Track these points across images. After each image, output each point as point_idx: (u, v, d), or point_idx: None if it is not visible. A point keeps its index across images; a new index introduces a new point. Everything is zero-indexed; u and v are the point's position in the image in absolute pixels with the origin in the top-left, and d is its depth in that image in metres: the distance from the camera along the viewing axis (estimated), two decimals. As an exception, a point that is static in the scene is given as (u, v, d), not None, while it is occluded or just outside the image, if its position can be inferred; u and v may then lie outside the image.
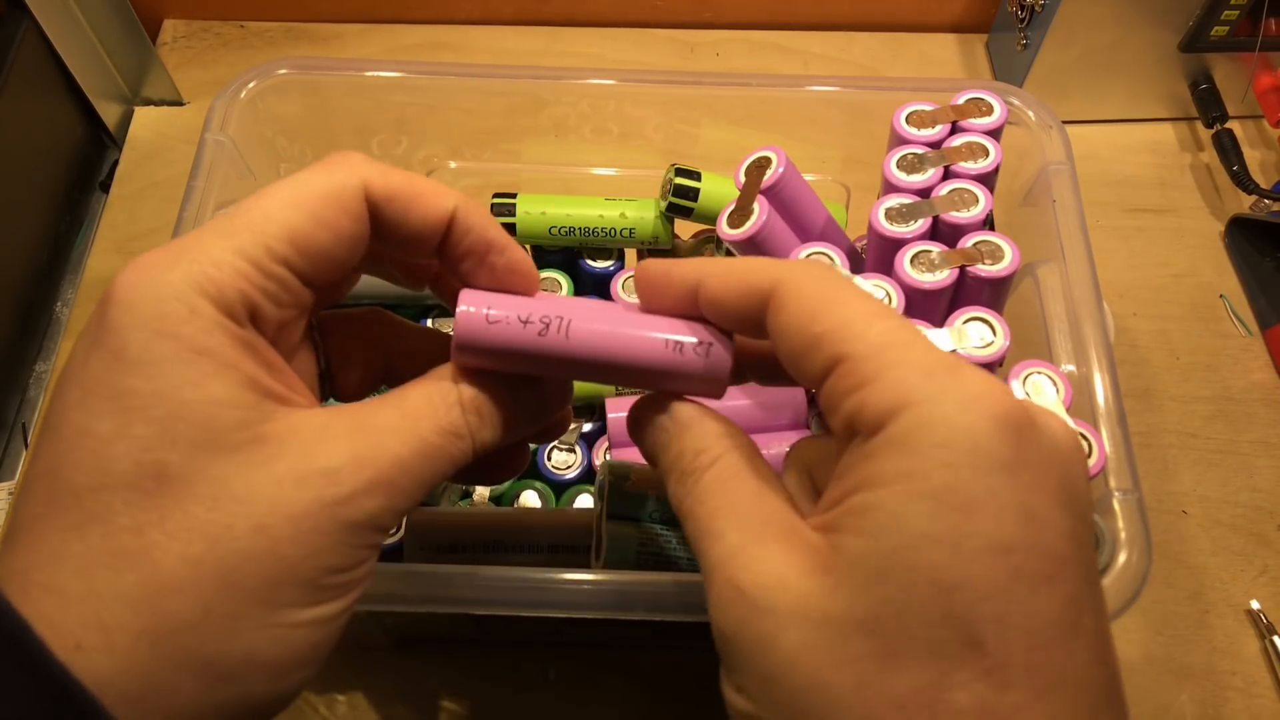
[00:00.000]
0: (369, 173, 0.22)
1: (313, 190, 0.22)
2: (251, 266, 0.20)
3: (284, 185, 0.22)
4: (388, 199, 0.22)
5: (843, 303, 0.20)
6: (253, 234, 0.21)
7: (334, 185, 0.22)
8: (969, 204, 0.36)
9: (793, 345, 0.21)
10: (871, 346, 0.19)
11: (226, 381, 0.20)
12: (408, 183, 0.22)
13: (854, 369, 0.19)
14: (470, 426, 0.23)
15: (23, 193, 0.53)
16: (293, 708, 0.42)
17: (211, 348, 0.20)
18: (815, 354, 0.20)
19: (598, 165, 0.49)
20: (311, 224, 0.21)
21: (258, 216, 0.21)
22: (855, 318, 0.20)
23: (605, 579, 0.31)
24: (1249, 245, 0.55)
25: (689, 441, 0.23)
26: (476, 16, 0.64)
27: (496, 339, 0.23)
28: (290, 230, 0.21)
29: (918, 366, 0.19)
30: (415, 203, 0.22)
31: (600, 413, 0.44)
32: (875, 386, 0.19)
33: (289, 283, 0.21)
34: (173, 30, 0.64)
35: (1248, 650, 0.44)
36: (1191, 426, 0.50)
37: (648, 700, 0.43)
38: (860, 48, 0.64)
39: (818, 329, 0.20)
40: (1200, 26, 0.54)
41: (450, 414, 0.22)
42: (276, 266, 0.21)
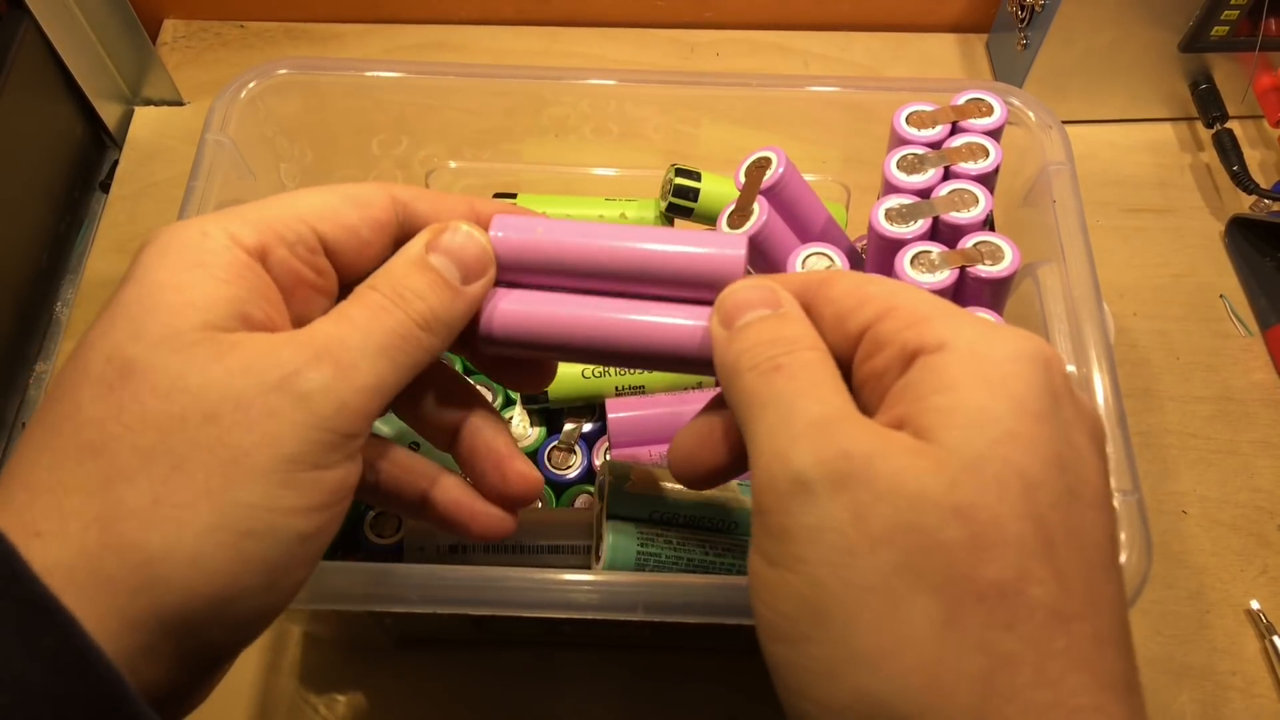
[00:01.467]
0: (392, 185, 0.25)
1: (343, 187, 0.25)
2: (274, 216, 0.23)
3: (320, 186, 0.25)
4: (413, 199, 0.25)
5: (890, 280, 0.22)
6: (280, 200, 0.23)
7: (361, 187, 0.25)
8: (969, 204, 0.36)
9: (842, 305, 0.22)
10: (923, 301, 0.21)
11: (209, 292, 0.21)
12: (429, 191, 0.26)
13: (909, 311, 0.21)
14: (391, 300, 0.23)
15: (23, 193, 0.53)
16: (293, 708, 0.42)
17: (209, 263, 0.21)
18: (865, 307, 0.21)
19: (598, 165, 0.49)
20: (339, 201, 0.24)
21: (288, 197, 0.24)
22: (903, 286, 0.22)
23: (605, 579, 0.31)
24: (1249, 245, 0.55)
25: (798, 326, 0.22)
26: (476, 16, 0.64)
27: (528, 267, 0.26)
28: (318, 203, 0.24)
29: (967, 319, 0.20)
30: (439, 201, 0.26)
31: (600, 413, 0.44)
32: (932, 323, 0.20)
33: (308, 238, 0.23)
34: (173, 30, 0.64)
35: (1248, 650, 0.44)
36: (1191, 426, 0.50)
37: (647, 700, 0.43)
38: (860, 48, 0.64)
39: (870, 290, 0.22)
40: (1200, 26, 0.54)
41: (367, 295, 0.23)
42: (298, 222, 0.23)
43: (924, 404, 0.19)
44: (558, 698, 0.43)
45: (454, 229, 0.25)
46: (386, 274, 0.24)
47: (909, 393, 0.20)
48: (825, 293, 0.23)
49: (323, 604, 0.32)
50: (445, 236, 0.24)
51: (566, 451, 0.44)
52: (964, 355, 0.19)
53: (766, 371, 0.21)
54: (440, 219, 0.25)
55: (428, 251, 0.24)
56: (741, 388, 0.21)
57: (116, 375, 0.20)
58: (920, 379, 0.20)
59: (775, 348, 0.21)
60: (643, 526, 0.34)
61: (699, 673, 0.43)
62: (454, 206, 0.26)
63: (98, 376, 0.20)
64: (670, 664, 0.43)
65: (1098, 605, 0.18)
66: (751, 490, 0.20)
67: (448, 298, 0.24)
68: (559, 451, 0.44)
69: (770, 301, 0.23)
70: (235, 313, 0.21)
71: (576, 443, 0.44)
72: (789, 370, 0.21)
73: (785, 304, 0.23)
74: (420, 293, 0.23)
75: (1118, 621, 0.19)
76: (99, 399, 0.20)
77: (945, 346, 0.20)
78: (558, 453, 0.44)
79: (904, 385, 0.20)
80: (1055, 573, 0.18)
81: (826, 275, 0.23)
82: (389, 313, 0.23)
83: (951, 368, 0.19)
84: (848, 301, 0.22)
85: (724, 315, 0.23)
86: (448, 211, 0.25)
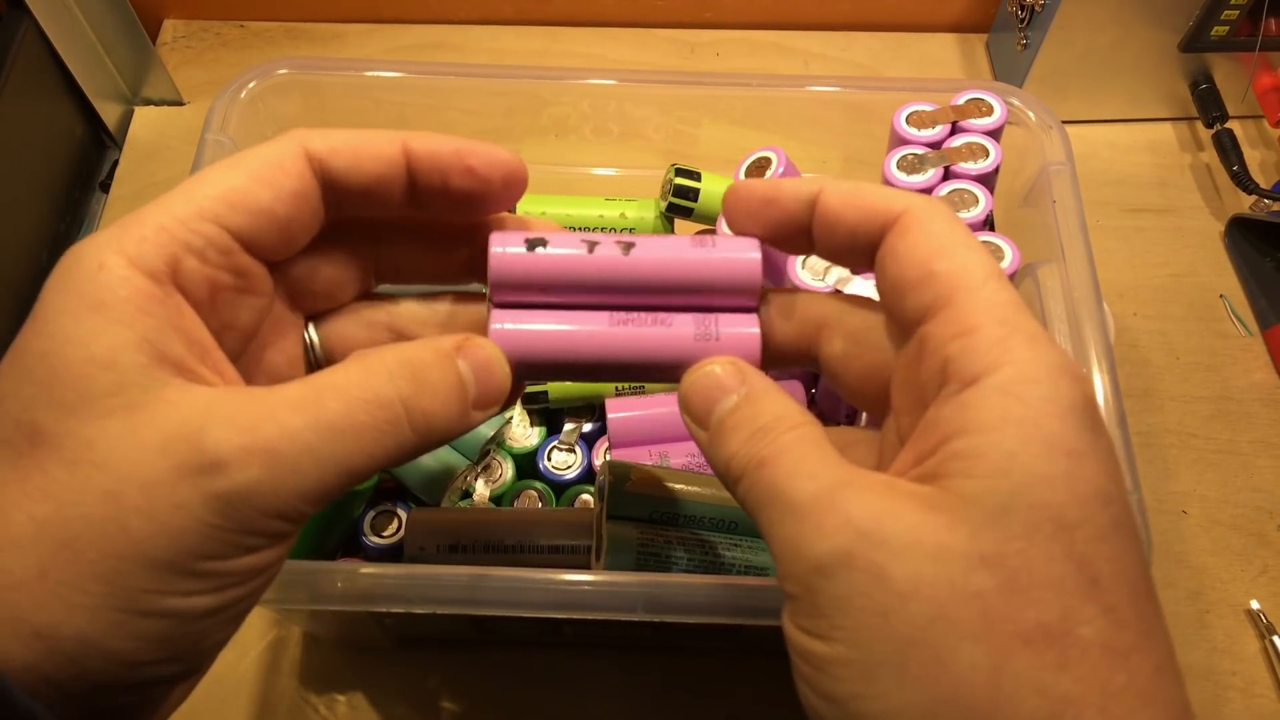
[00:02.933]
0: (308, 135, 0.22)
1: (250, 156, 0.21)
2: (177, 222, 0.20)
3: (226, 158, 0.22)
4: (331, 151, 0.22)
5: (966, 248, 0.21)
6: (185, 195, 0.21)
7: (271, 149, 0.22)
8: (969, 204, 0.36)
9: (905, 274, 0.21)
10: (983, 301, 0.20)
11: (114, 340, 0.19)
12: (351, 134, 0.22)
13: (960, 316, 0.20)
14: (401, 393, 0.20)
15: (23, 193, 0.53)
16: (292, 708, 0.42)
17: (107, 303, 0.19)
18: (925, 290, 0.21)
19: (598, 165, 0.49)
20: (248, 182, 0.21)
21: (194, 183, 0.21)
22: (974, 267, 0.20)
23: (605, 579, 0.31)
24: (1249, 245, 0.55)
25: (768, 406, 0.21)
26: (476, 16, 0.64)
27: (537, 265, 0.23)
28: (225, 189, 0.21)
29: (1021, 329, 0.20)
30: (362, 149, 0.22)
31: (600, 413, 0.44)
32: (979, 337, 0.19)
33: (217, 238, 0.21)
34: (173, 30, 0.64)
35: (1248, 650, 0.44)
36: (1191, 426, 0.50)
37: (648, 700, 0.43)
38: (860, 48, 0.64)
39: (937, 266, 0.20)
40: (1200, 26, 0.54)
41: (372, 379, 0.20)
42: (205, 223, 0.20)
43: (948, 447, 0.19)
44: (558, 698, 0.43)
45: (482, 345, 0.22)
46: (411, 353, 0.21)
47: (935, 430, 0.19)
48: (897, 244, 0.21)
49: (323, 604, 0.32)
50: (477, 353, 0.22)
51: (566, 451, 0.44)
52: (995, 395, 0.19)
53: (753, 471, 0.20)
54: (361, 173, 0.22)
55: (458, 355, 0.22)
56: (741, 496, 0.21)
57: (25, 441, 0.18)
58: (947, 417, 0.19)
59: (755, 443, 0.21)
60: (643, 526, 0.34)
61: (699, 673, 0.43)
62: (381, 149, 0.22)
63: (5, 440, 0.18)
64: (670, 664, 0.43)
65: (1150, 634, 0.18)
66: (779, 578, 0.20)
67: (456, 416, 0.21)
68: (559, 451, 0.44)
69: (733, 384, 0.22)
70: (148, 358, 0.19)
71: (576, 443, 0.44)
72: (773, 462, 0.20)
73: (749, 379, 0.22)
74: (437, 393, 0.21)
75: (1168, 646, 0.19)
76: (6, 463, 0.18)
77: (978, 381, 0.19)
78: (558, 453, 0.44)
79: (933, 419, 0.20)
80: (1104, 610, 0.18)
81: (905, 213, 0.21)
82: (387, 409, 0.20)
83: (981, 408, 0.19)
84: (913, 272, 0.21)
85: (694, 414, 0.23)
86: (370, 160, 0.22)
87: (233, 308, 0.22)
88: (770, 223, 0.24)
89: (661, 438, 0.41)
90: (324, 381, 0.20)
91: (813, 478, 0.19)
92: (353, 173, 0.22)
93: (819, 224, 0.23)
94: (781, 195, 0.23)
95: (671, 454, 0.41)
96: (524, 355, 0.23)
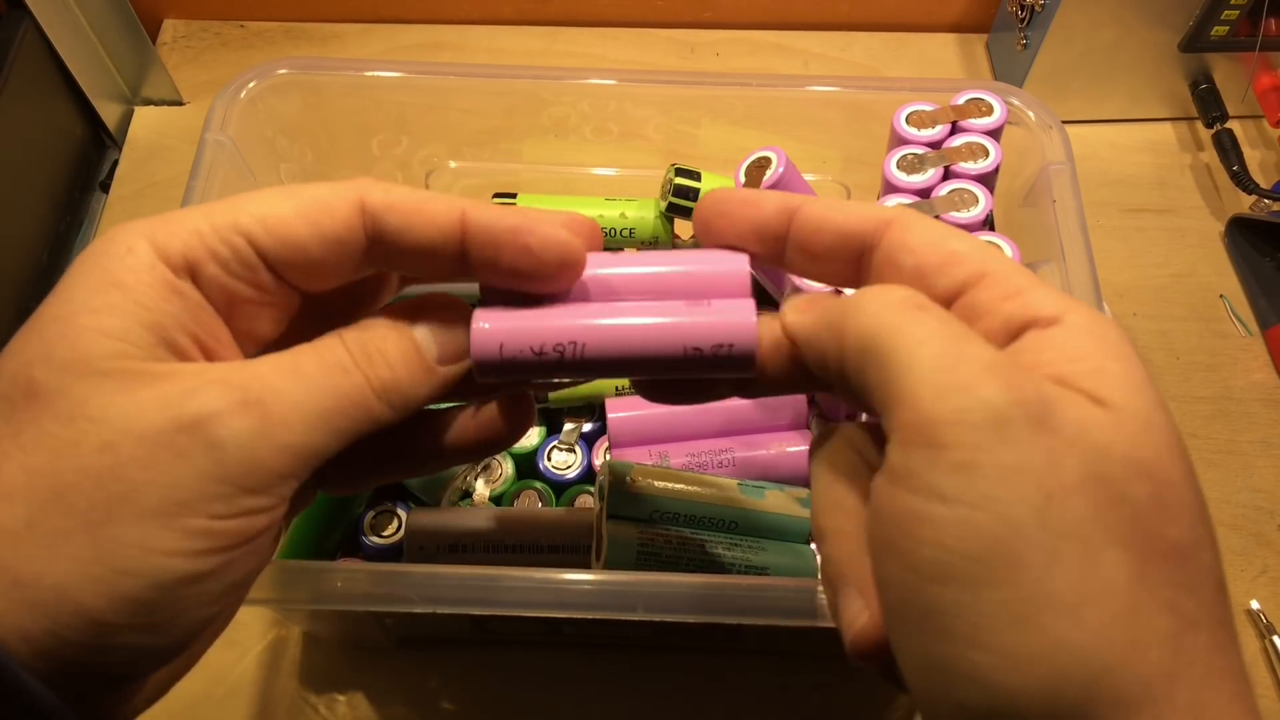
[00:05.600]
0: (368, 186, 0.22)
1: (306, 191, 0.22)
2: (212, 229, 0.21)
3: (283, 186, 0.22)
4: (387, 208, 0.22)
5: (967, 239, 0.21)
6: (229, 207, 0.21)
7: (326, 189, 0.22)
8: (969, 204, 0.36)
9: (926, 259, 0.21)
10: (1014, 268, 0.20)
11: (127, 317, 0.19)
12: (412, 194, 0.22)
13: (1004, 281, 0.20)
14: (358, 362, 0.21)
15: (23, 193, 0.53)
16: (292, 707, 0.42)
17: (129, 283, 0.20)
18: (955, 267, 0.21)
19: (598, 165, 0.49)
20: (292, 215, 0.21)
21: (243, 198, 0.21)
22: (987, 246, 0.21)
23: (605, 579, 0.31)
24: (1249, 245, 0.55)
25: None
26: (476, 16, 0.64)
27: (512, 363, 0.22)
28: (268, 213, 0.21)
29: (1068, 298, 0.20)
30: (420, 211, 0.22)
31: (600, 413, 0.44)
32: (1032, 295, 0.20)
33: (244, 254, 0.21)
34: (173, 30, 0.64)
35: (1248, 650, 0.44)
36: (1191, 426, 0.50)
37: (648, 700, 0.43)
38: (860, 48, 0.64)
39: (957, 247, 0.21)
40: (1200, 26, 0.54)
41: (332, 350, 0.21)
42: (235, 236, 0.21)
43: (1072, 368, 0.19)
44: (558, 698, 0.43)
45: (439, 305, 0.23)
46: (361, 328, 0.22)
47: (1045, 354, 0.19)
48: (902, 238, 0.21)
49: (323, 604, 0.32)
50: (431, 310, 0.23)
51: (566, 451, 0.44)
52: (1084, 331, 0.19)
53: (912, 309, 0.19)
54: (413, 235, 0.22)
55: (413, 319, 0.22)
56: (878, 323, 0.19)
57: (20, 395, 0.19)
58: (1040, 347, 0.19)
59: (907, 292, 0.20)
60: (643, 526, 0.34)
61: (699, 673, 0.43)
62: (434, 217, 0.22)
63: (2, 395, 0.19)
64: (670, 664, 0.43)
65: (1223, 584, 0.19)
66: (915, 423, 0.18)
67: (419, 374, 0.22)
68: (559, 451, 0.44)
69: None
70: (155, 340, 0.20)
71: (576, 443, 0.44)
72: (939, 314, 0.19)
73: None
74: (390, 360, 0.22)
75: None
76: (1, 416, 0.19)
77: (1061, 320, 0.19)
78: (558, 452, 0.44)
79: (1033, 348, 0.19)
80: (1213, 545, 0.18)
81: (898, 215, 0.22)
82: (347, 374, 0.21)
83: (1077, 341, 0.19)
84: (932, 256, 0.21)
85: None
86: (424, 225, 0.22)
87: (252, 319, 0.22)
88: (746, 224, 0.23)
89: (661, 438, 0.41)
90: (299, 350, 0.21)
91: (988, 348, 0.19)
92: (405, 233, 0.22)
93: (801, 228, 0.23)
94: (762, 200, 0.23)
95: (671, 454, 0.41)
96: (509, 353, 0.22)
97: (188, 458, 0.18)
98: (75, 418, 0.19)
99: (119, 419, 0.18)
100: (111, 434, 0.18)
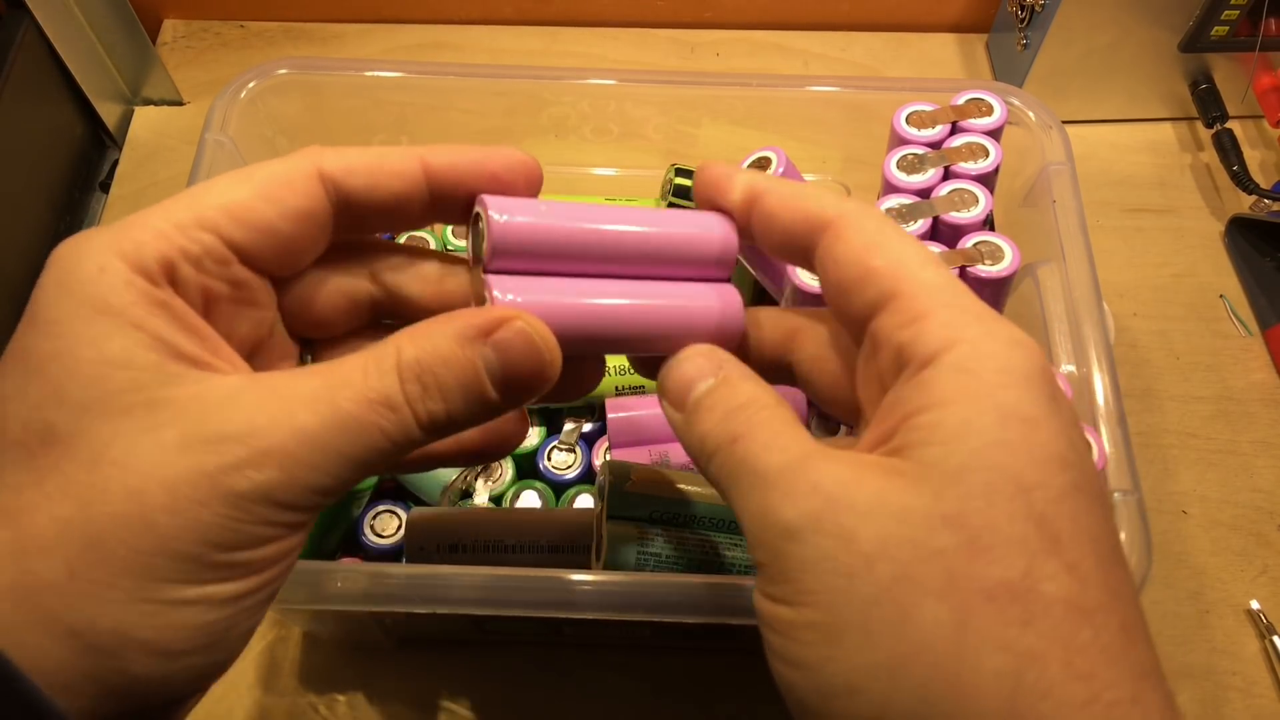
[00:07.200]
0: (324, 155, 0.22)
1: (260, 170, 0.21)
2: (175, 229, 0.20)
3: (236, 170, 0.21)
4: (347, 171, 0.22)
5: (901, 243, 0.21)
6: (189, 202, 0.21)
7: (282, 165, 0.21)
8: (969, 204, 0.36)
9: (845, 275, 0.22)
10: (925, 287, 0.20)
11: (126, 340, 0.19)
12: (365, 152, 0.22)
13: (908, 305, 0.20)
14: (409, 396, 0.20)
15: (23, 193, 0.53)
16: (292, 708, 0.42)
17: (115, 305, 0.19)
18: (868, 287, 0.21)
19: (598, 165, 0.49)
20: (253, 198, 0.21)
21: (199, 190, 0.21)
22: (910, 259, 0.21)
23: (605, 579, 0.31)
24: (1249, 245, 0.55)
25: (743, 389, 0.22)
26: (476, 16, 0.64)
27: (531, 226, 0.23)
28: (228, 201, 0.21)
29: (968, 310, 0.20)
30: (379, 168, 0.22)
31: (600, 413, 0.44)
32: (930, 322, 0.20)
33: (215, 249, 0.20)
34: (173, 30, 0.64)
35: (1248, 650, 0.44)
36: (1191, 426, 0.50)
37: (648, 700, 0.43)
38: (860, 48, 0.64)
39: (875, 263, 0.21)
40: (1200, 26, 0.54)
41: (382, 381, 0.20)
42: (203, 232, 0.20)
43: (908, 423, 0.19)
44: (558, 698, 0.43)
45: (516, 326, 0.21)
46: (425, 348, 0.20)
47: (895, 410, 0.20)
48: (830, 248, 0.22)
49: (323, 604, 0.32)
50: (506, 333, 0.21)
51: (566, 451, 0.44)
52: (950, 372, 0.19)
53: (727, 446, 0.21)
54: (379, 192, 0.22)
55: (483, 339, 0.20)
56: (713, 471, 0.22)
57: (37, 442, 0.18)
58: (906, 396, 0.20)
59: (729, 421, 0.21)
60: (643, 526, 0.34)
61: (699, 673, 0.43)
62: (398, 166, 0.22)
63: (16, 441, 0.18)
64: (670, 664, 0.43)
65: (1118, 594, 0.18)
66: (748, 549, 0.20)
67: (477, 406, 0.21)
68: (559, 451, 0.44)
69: (711, 368, 0.23)
70: (162, 355, 0.19)
71: (576, 443, 0.44)
72: (746, 436, 0.21)
73: (725, 366, 0.23)
74: (448, 393, 0.20)
75: (1137, 610, 0.19)
76: (19, 464, 0.18)
77: (934, 361, 0.20)
78: (558, 453, 0.44)
79: (893, 401, 0.20)
80: (1067, 567, 0.18)
81: (836, 218, 0.22)
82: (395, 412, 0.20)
83: (937, 385, 0.19)
84: (852, 271, 0.21)
85: (672, 397, 0.23)
86: (388, 179, 0.22)
87: (230, 318, 0.22)
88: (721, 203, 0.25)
89: (661, 438, 0.41)
90: (339, 377, 0.20)
91: (783, 450, 0.20)
92: (372, 191, 0.22)
93: (757, 220, 0.24)
94: (731, 184, 0.24)
95: (671, 454, 0.41)
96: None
97: (213, 507, 0.18)
98: (99, 462, 0.18)
99: (143, 465, 0.18)
100: (137, 480, 0.18)
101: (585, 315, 0.23)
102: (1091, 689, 0.17)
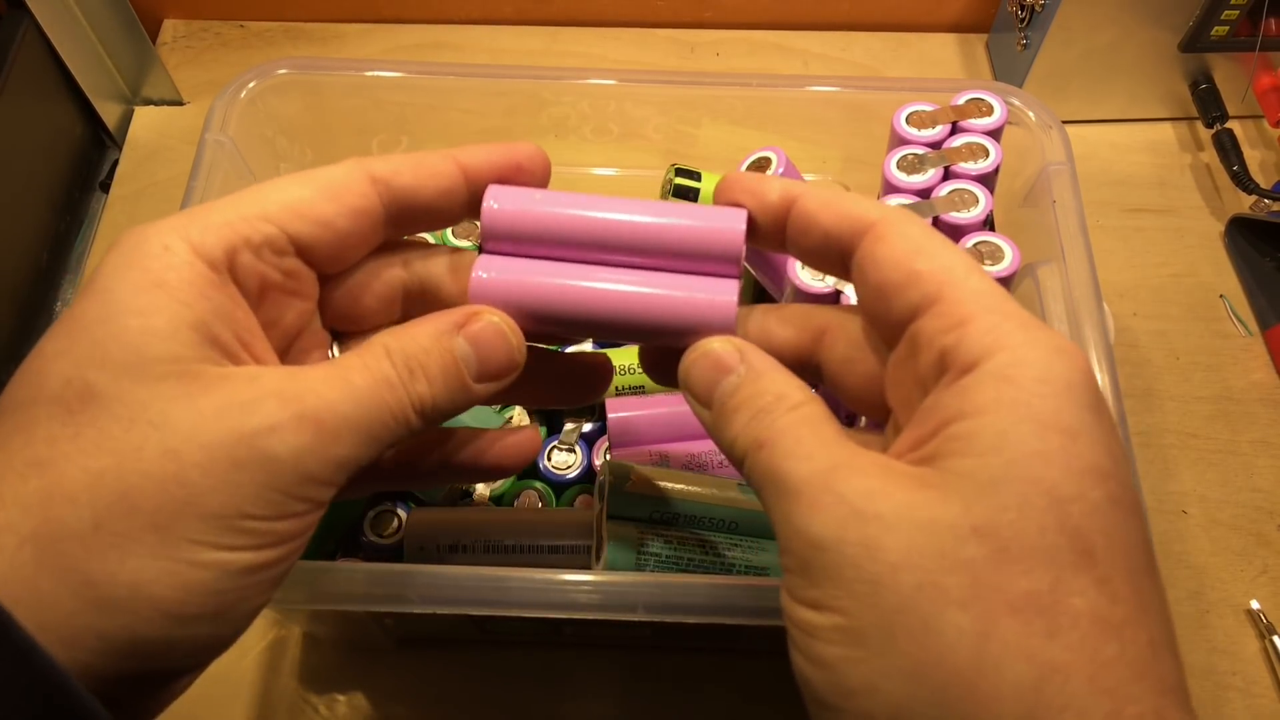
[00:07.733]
0: (370, 160, 0.24)
1: (320, 174, 0.23)
2: (241, 220, 0.22)
3: (295, 173, 0.23)
4: (394, 173, 0.24)
5: (945, 248, 0.21)
6: (255, 197, 0.22)
7: (338, 170, 0.23)
8: (969, 204, 0.36)
9: (888, 277, 0.22)
10: (969, 292, 0.21)
11: (173, 317, 0.20)
12: (407, 157, 0.24)
13: (951, 310, 0.20)
14: (401, 378, 0.22)
15: (23, 193, 0.53)
16: (292, 708, 0.42)
17: (170, 282, 0.20)
18: (911, 289, 0.21)
19: (598, 165, 0.49)
20: (314, 194, 0.23)
21: (265, 187, 0.23)
22: (956, 264, 0.21)
23: (605, 579, 0.31)
24: (1249, 245, 0.55)
25: (768, 385, 0.22)
26: (476, 16, 0.64)
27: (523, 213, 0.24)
28: (292, 198, 0.22)
29: (1012, 316, 0.20)
30: (422, 167, 0.24)
31: (600, 413, 0.44)
32: (973, 327, 0.20)
33: (276, 239, 0.22)
34: (173, 30, 0.64)
35: (1248, 650, 0.44)
36: (1191, 426, 0.50)
37: (648, 700, 0.43)
38: (860, 48, 0.64)
39: (920, 266, 0.21)
40: (1200, 26, 0.54)
41: (379, 364, 0.22)
42: (265, 224, 0.22)
43: (945, 431, 0.19)
44: (558, 698, 0.43)
45: (485, 319, 0.23)
46: (405, 339, 0.22)
47: (933, 415, 0.20)
48: (872, 250, 0.22)
49: (323, 604, 0.32)
50: (477, 325, 0.23)
51: (566, 451, 0.44)
52: (990, 380, 0.19)
53: (754, 453, 0.21)
54: (426, 191, 0.24)
55: (457, 331, 0.23)
56: (746, 474, 0.22)
57: (76, 399, 0.19)
58: (945, 402, 0.20)
59: (755, 425, 0.21)
60: (643, 526, 0.34)
61: (699, 673, 0.43)
62: (437, 167, 0.24)
63: (54, 396, 0.19)
64: (670, 664, 0.43)
65: (1147, 609, 0.18)
66: (778, 552, 0.21)
67: (457, 391, 0.23)
68: (559, 451, 0.44)
69: (733, 361, 0.23)
70: (201, 338, 0.20)
71: (576, 443, 0.44)
72: (771, 445, 0.21)
73: (748, 357, 0.23)
74: (431, 376, 0.22)
75: (1166, 624, 0.19)
76: (55, 418, 0.19)
77: (975, 367, 0.20)
78: (558, 453, 0.44)
79: (931, 406, 0.20)
80: (1097, 581, 0.18)
81: (878, 221, 0.22)
82: (393, 390, 0.22)
83: (976, 393, 0.19)
84: (895, 274, 0.21)
85: (696, 392, 0.23)
86: (432, 179, 0.24)
87: (279, 306, 0.23)
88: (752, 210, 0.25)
89: (661, 438, 0.41)
90: (344, 363, 0.22)
91: (809, 459, 0.20)
92: (419, 189, 0.24)
93: (794, 223, 0.24)
94: (766, 188, 0.24)
95: (671, 454, 0.41)
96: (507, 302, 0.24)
97: (245, 468, 0.19)
98: (136, 421, 0.19)
99: (181, 427, 0.19)
100: (174, 441, 0.19)
101: (558, 295, 0.24)
102: (1114, 703, 0.17)
